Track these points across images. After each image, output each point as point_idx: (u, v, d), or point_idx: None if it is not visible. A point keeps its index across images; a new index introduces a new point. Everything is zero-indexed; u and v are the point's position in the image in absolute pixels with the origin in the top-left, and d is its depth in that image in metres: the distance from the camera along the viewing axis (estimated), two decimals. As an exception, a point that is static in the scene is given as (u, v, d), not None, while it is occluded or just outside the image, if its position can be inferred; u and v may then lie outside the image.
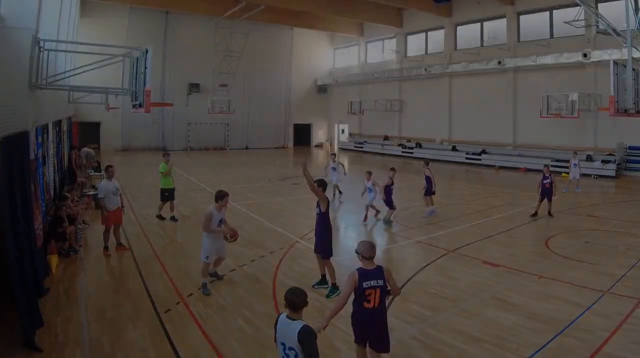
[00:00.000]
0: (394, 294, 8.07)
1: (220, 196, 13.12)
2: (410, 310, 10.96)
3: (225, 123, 59.02)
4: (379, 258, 13.35)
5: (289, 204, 23.38)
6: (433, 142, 51.67)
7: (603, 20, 22.68)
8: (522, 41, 42.97)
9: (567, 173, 29.44)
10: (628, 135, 34.82)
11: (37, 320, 9.85)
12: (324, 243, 12.46)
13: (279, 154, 52.87)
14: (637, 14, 22.36)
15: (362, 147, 59.59)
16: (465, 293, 11.97)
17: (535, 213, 20.68)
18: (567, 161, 32.18)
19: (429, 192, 21.62)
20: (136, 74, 15.73)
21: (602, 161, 35.41)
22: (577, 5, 25.75)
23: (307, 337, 5.93)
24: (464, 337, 9.60)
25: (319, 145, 68.11)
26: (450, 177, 37.26)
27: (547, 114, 36.49)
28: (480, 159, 44.55)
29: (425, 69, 49.95)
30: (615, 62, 20.39)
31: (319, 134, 69.41)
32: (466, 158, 45.83)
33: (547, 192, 20.71)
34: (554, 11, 39.97)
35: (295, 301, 6.14)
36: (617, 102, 20.13)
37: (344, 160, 50.65)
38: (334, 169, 26.01)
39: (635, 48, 21.50)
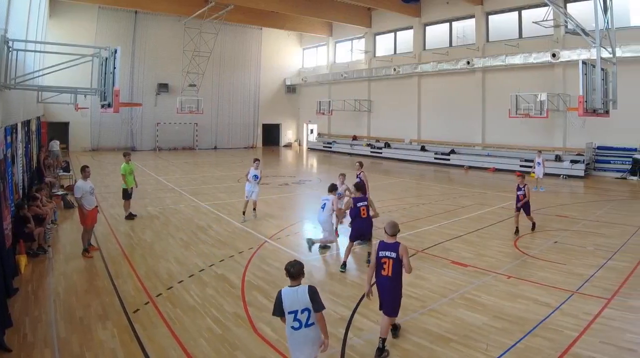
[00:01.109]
0: (406, 269, 9.23)
1: None
2: (379, 310, 10.88)
3: (194, 123, 59.12)
4: (349, 258, 13.52)
5: (258, 204, 23.36)
6: (402, 142, 51.78)
7: (572, 20, 22.79)
8: (491, 41, 43.22)
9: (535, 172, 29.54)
10: (597, 135, 34.98)
11: (6, 320, 9.78)
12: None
13: (248, 154, 52.58)
14: (605, 13, 22.52)
15: (330, 147, 59.68)
16: (434, 293, 11.98)
17: (517, 230, 18.62)
18: (531, 161, 32.52)
19: None
20: (105, 74, 15.65)
21: (571, 161, 35.61)
22: (545, 5, 26.01)
23: (315, 292, 7.29)
24: (433, 337, 9.65)
25: (288, 145, 68.26)
26: (419, 177, 37.40)
27: (516, 113, 36.53)
28: (449, 159, 44.64)
29: (394, 69, 50.04)
30: (584, 62, 20.48)
31: (287, 134, 69.55)
32: (435, 158, 45.90)
33: (522, 205, 18.85)
34: (523, 11, 40.22)
35: (291, 271, 7.38)
36: (586, 102, 20.23)
37: (314, 160, 51.13)
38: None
39: (604, 48, 21.67)
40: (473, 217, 21.24)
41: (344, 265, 14.27)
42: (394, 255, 9.11)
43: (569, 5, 35.71)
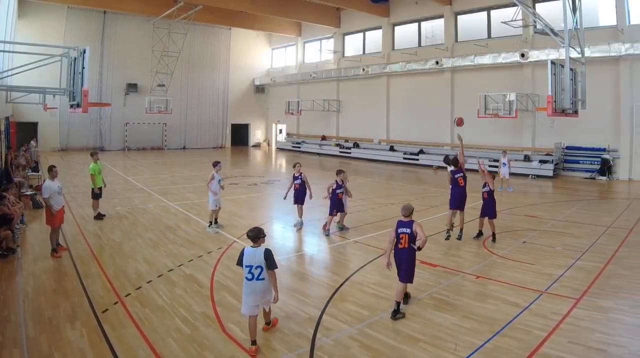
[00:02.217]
0: (420, 243, 10.56)
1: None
2: (348, 310, 10.94)
3: (162, 123, 58.91)
4: (319, 258, 13.56)
5: (226, 204, 23.19)
6: (371, 142, 51.89)
7: (540, 20, 22.93)
8: (460, 41, 43.41)
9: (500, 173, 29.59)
10: (566, 136, 35.21)
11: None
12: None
13: (216, 154, 52.22)
14: (574, 13, 22.67)
15: (299, 147, 59.68)
16: (404, 293, 11.98)
17: (479, 233, 18.01)
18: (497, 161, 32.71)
19: (301, 199, 19.86)
20: (74, 74, 15.60)
21: (540, 161, 35.80)
22: (514, 5, 26.10)
23: (269, 254, 9.21)
24: (402, 337, 9.63)
25: (257, 145, 68.26)
26: (388, 177, 37.50)
27: (485, 114, 36.74)
28: (418, 159, 44.79)
29: (363, 69, 50.10)
30: (553, 62, 20.60)
31: (256, 134, 69.56)
32: (404, 158, 46.06)
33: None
34: (492, 11, 40.45)
35: (250, 234, 9.32)
36: (555, 102, 20.32)
37: (282, 160, 51.18)
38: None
39: (573, 48, 21.79)
40: (442, 217, 20.96)
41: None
42: (408, 231, 10.75)
43: (537, 5, 36.03)
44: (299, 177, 19.58)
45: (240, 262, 9.34)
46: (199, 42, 60.43)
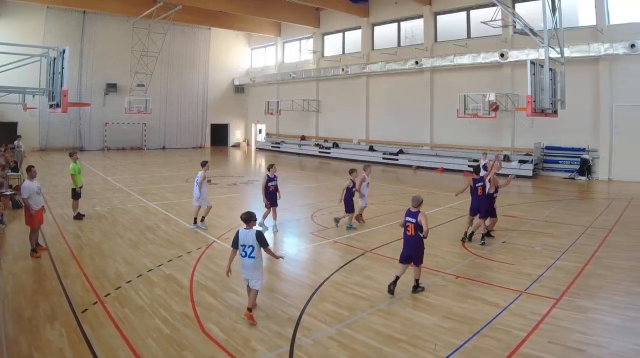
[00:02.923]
0: (423, 233, 11.87)
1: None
2: (327, 310, 10.94)
3: (142, 123, 58.73)
4: (298, 258, 13.81)
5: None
6: (350, 142, 51.89)
7: (520, 21, 23.00)
8: (440, 41, 43.42)
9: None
10: (545, 136, 35.28)
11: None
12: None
13: (196, 154, 52.52)
14: (554, 14, 22.75)
15: (279, 147, 59.63)
16: (383, 293, 11.93)
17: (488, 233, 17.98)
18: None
19: (276, 202, 19.28)
20: (53, 74, 15.57)
21: (520, 161, 35.84)
22: (494, 5, 26.11)
23: (260, 234, 10.51)
24: (382, 337, 9.61)
25: (236, 145, 68.27)
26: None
27: (465, 114, 36.84)
28: (397, 159, 44.77)
29: (343, 69, 50.14)
30: (533, 62, 20.65)
31: (236, 134, 69.51)
32: (383, 158, 46.01)
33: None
34: (471, 11, 40.52)
35: (243, 217, 10.61)
36: (535, 102, 20.39)
37: (262, 160, 51.11)
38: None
39: (552, 48, 21.86)
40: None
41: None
42: (413, 220, 11.98)
43: (517, 5, 36.14)
44: (274, 178, 19.19)
45: (234, 243, 10.56)
46: (178, 42, 60.37)
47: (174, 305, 11.13)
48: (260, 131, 68.03)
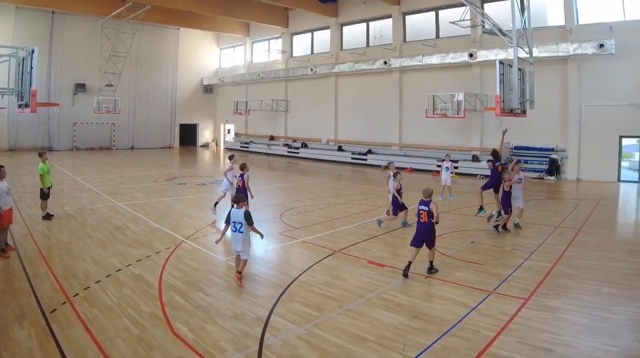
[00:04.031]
0: (435, 219, 13.41)
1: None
2: (296, 310, 10.88)
3: (111, 123, 58.47)
4: (267, 258, 14.18)
5: (175, 204, 23.25)
6: (319, 142, 51.99)
7: (489, 20, 23.07)
8: (409, 41, 43.58)
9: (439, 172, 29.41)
10: (514, 136, 35.17)
11: None
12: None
13: (165, 154, 52.76)
14: (522, 13, 22.85)
15: (247, 147, 59.71)
16: (352, 293, 11.92)
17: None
18: (455, 161, 32.78)
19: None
20: (22, 74, 15.48)
21: (488, 161, 35.92)
22: (462, 5, 26.14)
23: (248, 214, 12.50)
24: (350, 337, 9.57)
25: (205, 145, 68.19)
26: (337, 177, 37.54)
27: (433, 114, 37.03)
28: (366, 159, 44.85)
29: (312, 69, 50.26)
30: (501, 62, 20.77)
31: (205, 134, 69.49)
32: (352, 158, 46.16)
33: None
34: (440, 11, 40.71)
35: (234, 200, 13.22)
36: (503, 102, 20.50)
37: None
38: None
39: (521, 48, 21.95)
40: (390, 217, 21.32)
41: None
42: (426, 208, 13.43)
43: (486, 5, 36.28)
44: (242, 176, 19.42)
45: (227, 219, 12.82)
46: (147, 42, 60.22)
47: (143, 305, 11.03)
48: (229, 131, 68.18)
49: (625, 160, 33.38)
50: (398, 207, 18.86)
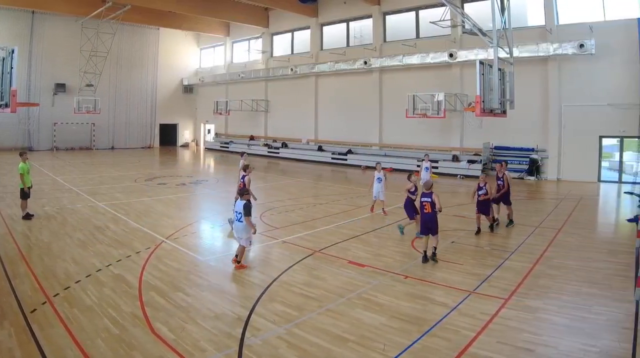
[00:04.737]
0: (438, 208, 14.54)
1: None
2: (276, 310, 10.85)
3: (91, 123, 58.30)
4: (247, 258, 13.98)
5: (155, 204, 23.21)
6: (299, 142, 52.01)
7: (469, 21, 23.12)
8: (389, 41, 43.67)
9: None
10: (494, 135, 35.59)
11: None
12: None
13: (145, 154, 52.77)
14: (502, 14, 22.88)
15: (227, 147, 59.60)
16: (332, 293, 11.91)
17: (478, 231, 18.60)
18: (435, 161, 32.87)
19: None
20: (2, 74, 15.41)
21: (469, 161, 36.07)
22: (443, 5, 26.18)
23: (247, 205, 13.55)
24: (330, 337, 9.55)
25: (185, 145, 68.17)
26: (317, 177, 37.57)
27: (413, 114, 36.90)
28: (346, 159, 44.91)
29: (292, 69, 50.25)
30: (482, 62, 20.76)
31: (185, 134, 69.40)
32: (332, 158, 46.18)
33: (482, 206, 18.64)
34: (420, 11, 40.77)
35: (239, 192, 14.63)
36: (484, 102, 20.51)
37: (211, 160, 51.40)
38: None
39: (501, 48, 21.98)
40: (370, 217, 21.34)
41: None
42: (429, 199, 14.52)
43: (466, 5, 36.53)
44: (243, 177, 19.33)
45: (234, 208, 14.42)
46: (127, 42, 60.10)
47: (123, 305, 10.98)
48: (209, 131, 68.09)
49: (605, 160, 33.43)
50: (414, 209, 17.69)
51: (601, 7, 31.19)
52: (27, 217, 19.91)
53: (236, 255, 13.89)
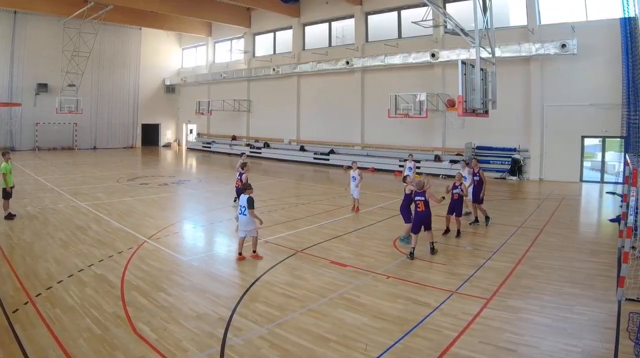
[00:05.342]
0: (434, 201, 15.66)
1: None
2: (258, 310, 10.83)
3: (73, 123, 58.05)
4: (229, 258, 14.70)
5: (137, 204, 23.16)
6: (281, 142, 51.99)
7: (451, 20, 23.11)
8: (371, 41, 43.60)
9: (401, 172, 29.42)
10: (476, 135, 35.59)
11: None
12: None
13: (127, 154, 52.68)
14: (485, 14, 22.90)
15: (210, 147, 59.56)
16: (314, 293, 11.91)
17: (447, 231, 18.61)
18: (417, 161, 32.85)
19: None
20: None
21: (451, 161, 35.97)
22: (425, 5, 26.18)
23: (249, 199, 14.36)
24: (312, 337, 9.54)
25: (167, 145, 68.02)
26: (299, 177, 37.55)
27: (395, 114, 36.86)
28: (328, 159, 44.84)
29: (274, 69, 50.19)
30: (464, 62, 20.76)
31: (167, 134, 69.26)
32: (314, 158, 46.14)
33: (456, 206, 18.64)
34: (402, 11, 40.75)
35: (242, 187, 15.17)
36: (466, 102, 20.53)
37: (193, 160, 51.25)
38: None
39: (483, 48, 22.00)
40: (352, 217, 21.35)
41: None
42: (423, 198, 15.25)
43: (448, 5, 36.54)
44: (240, 175, 20.67)
45: (238, 202, 15.26)
46: (109, 42, 59.94)
47: (105, 305, 10.93)
48: (191, 131, 68.00)
49: (587, 161, 33.55)
50: (411, 213, 17.01)
51: (583, 7, 31.29)
52: (9, 217, 19.80)
53: (240, 253, 14.77)
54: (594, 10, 31.02)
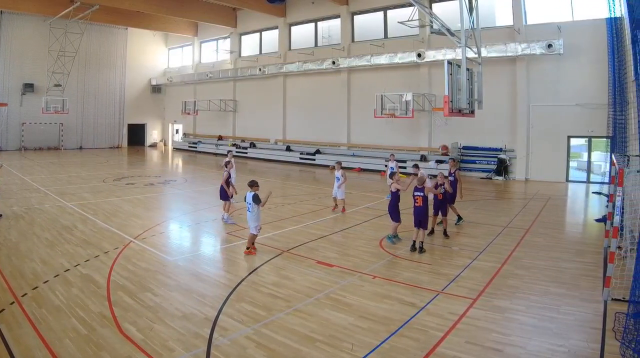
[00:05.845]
0: (431, 193, 16.30)
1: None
2: (244, 310, 10.81)
3: (59, 123, 57.99)
4: (215, 258, 14.77)
5: (123, 204, 23.08)
6: (267, 142, 52.00)
7: (437, 21, 23.10)
8: (357, 41, 43.69)
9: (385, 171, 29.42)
10: (462, 135, 35.67)
11: None
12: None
13: (113, 154, 52.54)
14: (471, 14, 22.91)
15: (196, 147, 59.54)
16: (300, 293, 11.89)
17: (432, 232, 18.48)
18: (403, 161, 32.87)
19: (224, 196, 20.40)
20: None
21: (437, 161, 35.78)
22: (411, 5, 26.15)
23: (255, 196, 15.02)
24: (299, 337, 9.51)
25: (153, 145, 67.95)
26: (285, 177, 37.52)
27: (382, 114, 36.97)
28: (314, 159, 44.85)
29: (260, 69, 50.19)
30: (450, 62, 20.68)
31: (153, 134, 69.16)
32: (300, 158, 46.14)
33: (441, 206, 18.48)
34: (389, 11, 40.85)
35: (249, 184, 15.50)
36: (452, 102, 20.49)
37: (179, 160, 51.14)
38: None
39: (470, 48, 21.96)
40: (338, 217, 21.35)
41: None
42: (422, 194, 15.55)
43: (434, 5, 36.68)
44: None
45: (245, 199, 15.58)
46: (95, 42, 59.90)
47: (91, 305, 10.89)
48: (177, 131, 67.91)
49: (573, 160, 33.66)
50: (399, 213, 17.18)
51: (569, 7, 31.42)
52: (-5, 215, 19.69)
53: (248, 247, 15.38)
54: (580, 11, 31.12)
